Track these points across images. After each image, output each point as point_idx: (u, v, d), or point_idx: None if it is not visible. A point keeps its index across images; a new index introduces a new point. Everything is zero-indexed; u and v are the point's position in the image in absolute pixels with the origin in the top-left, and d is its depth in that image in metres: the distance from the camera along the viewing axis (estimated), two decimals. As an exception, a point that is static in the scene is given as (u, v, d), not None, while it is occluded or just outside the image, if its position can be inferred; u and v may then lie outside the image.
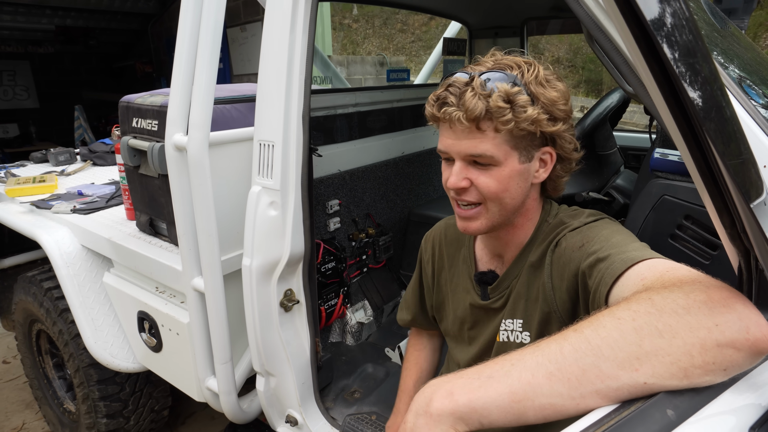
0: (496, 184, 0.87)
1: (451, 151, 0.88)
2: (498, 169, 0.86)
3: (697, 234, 1.03)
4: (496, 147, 0.84)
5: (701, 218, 1.02)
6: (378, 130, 2.22)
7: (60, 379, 2.32)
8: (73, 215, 1.93)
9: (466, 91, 0.83)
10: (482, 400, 0.53)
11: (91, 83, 7.30)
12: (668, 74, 0.46)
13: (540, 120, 0.84)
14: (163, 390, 2.10)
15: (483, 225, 0.91)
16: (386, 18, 11.75)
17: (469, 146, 0.85)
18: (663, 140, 1.11)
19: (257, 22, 4.60)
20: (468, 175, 0.88)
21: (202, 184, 1.30)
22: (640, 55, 0.46)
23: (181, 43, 1.28)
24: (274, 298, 1.40)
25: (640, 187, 1.16)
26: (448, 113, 0.84)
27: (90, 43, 6.43)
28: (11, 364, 2.93)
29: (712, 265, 0.98)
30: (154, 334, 1.68)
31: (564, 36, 9.25)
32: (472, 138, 0.85)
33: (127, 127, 1.62)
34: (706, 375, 0.51)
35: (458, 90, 0.84)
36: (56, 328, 1.96)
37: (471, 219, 0.91)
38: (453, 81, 0.87)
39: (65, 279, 1.80)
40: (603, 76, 8.56)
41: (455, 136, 0.87)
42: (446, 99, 0.85)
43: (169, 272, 1.54)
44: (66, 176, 2.58)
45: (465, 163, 0.88)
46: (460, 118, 0.83)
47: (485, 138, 0.84)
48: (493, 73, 0.85)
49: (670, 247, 1.07)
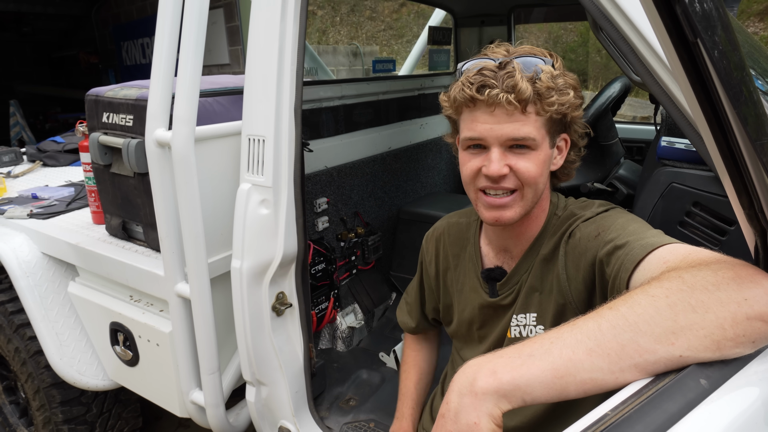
0: (536, 168, 0.92)
1: (489, 135, 0.91)
2: (535, 153, 0.92)
3: (705, 220, 1.13)
4: (537, 130, 0.91)
5: (710, 204, 1.12)
6: (364, 123, 2.27)
7: (12, 404, 2.26)
8: (30, 220, 1.90)
9: (513, 73, 0.87)
10: (525, 378, 0.59)
11: (25, 75, 7.04)
12: (696, 63, 0.53)
13: (574, 104, 0.94)
14: (133, 410, 2.08)
15: (517, 212, 0.95)
16: (354, 5, 11.81)
17: (512, 129, 0.89)
18: (669, 129, 1.21)
19: (219, 8, 4.57)
20: (507, 161, 0.92)
21: (188, 182, 1.32)
22: (671, 45, 0.53)
23: (161, 31, 1.30)
24: (266, 301, 1.43)
25: (646, 175, 1.26)
26: (493, 95, 0.87)
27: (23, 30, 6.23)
28: (-50, 390, 2.82)
29: (721, 250, 1.08)
30: (129, 346, 1.68)
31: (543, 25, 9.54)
32: (515, 121, 0.89)
33: (96, 122, 1.61)
34: (736, 347, 0.58)
35: (495, 74, 0.89)
36: (11, 346, 1.93)
37: (506, 207, 0.95)
38: (484, 65, 0.91)
39: (24, 290, 1.77)
40: (586, 66, 8.86)
41: (495, 120, 0.90)
42: (486, 82, 0.89)
43: (147, 278, 1.55)
44: (13, 178, 2.53)
45: (503, 149, 0.92)
46: (510, 100, 0.87)
47: (528, 121, 0.90)
48: (532, 58, 0.92)
49: (680, 233, 1.16)
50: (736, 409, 0.56)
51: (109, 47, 6.05)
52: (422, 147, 2.64)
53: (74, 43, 6.60)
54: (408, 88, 2.56)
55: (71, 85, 6.78)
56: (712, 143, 0.61)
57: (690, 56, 0.54)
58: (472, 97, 0.90)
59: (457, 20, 2.80)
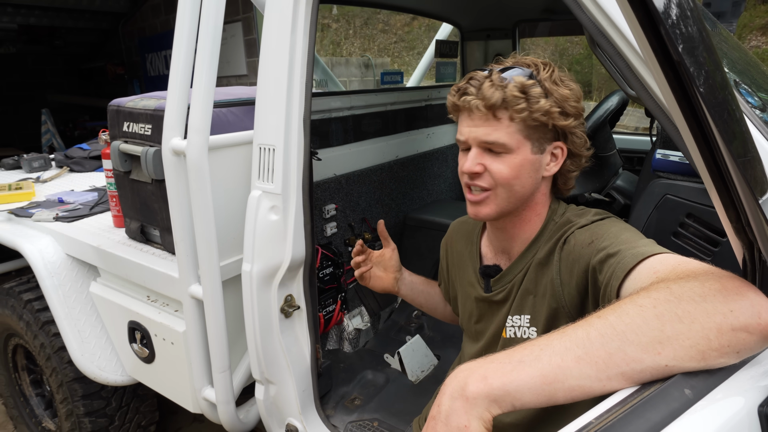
0: (508, 171, 0.96)
1: (468, 137, 0.98)
2: (510, 157, 0.96)
3: (698, 231, 1.11)
4: (509, 135, 0.94)
5: (703, 216, 1.11)
6: (372, 133, 2.28)
7: (38, 397, 2.29)
8: (56, 223, 1.93)
9: (485, 82, 0.94)
10: (515, 383, 0.58)
11: (57, 85, 7.19)
12: (681, 80, 0.53)
13: (552, 112, 0.94)
14: (150, 404, 2.10)
15: (492, 210, 1.00)
16: (367, 18, 11.86)
17: (484, 133, 0.95)
18: (663, 142, 1.20)
19: (237, 22, 4.63)
20: (482, 161, 0.97)
21: (202, 188, 1.33)
22: (656, 62, 0.52)
23: (178, 46, 1.32)
24: (275, 303, 1.43)
25: (642, 187, 1.25)
26: (467, 101, 0.95)
27: (56, 43, 6.35)
28: (-19, 383, 2.87)
29: (714, 261, 1.06)
30: (146, 344, 1.69)
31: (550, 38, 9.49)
32: (488, 126, 0.95)
33: (118, 131, 1.64)
34: (721, 357, 0.57)
35: (478, 82, 0.96)
36: (37, 341, 1.95)
37: (480, 204, 1.00)
38: (474, 74, 0.98)
39: (50, 289, 1.80)
40: (591, 78, 8.80)
41: (473, 123, 0.97)
42: (467, 90, 0.96)
43: (163, 280, 1.56)
44: (42, 183, 2.57)
45: (480, 150, 0.97)
46: (479, 106, 0.93)
47: (500, 126, 0.94)
48: (511, 68, 0.97)
49: (673, 244, 1.15)
50: (720, 419, 0.55)
51: (134, 59, 6.16)
52: (429, 156, 2.63)
53: (102, 55, 6.72)
54: (415, 99, 2.56)
55: (99, 95, 6.89)
56: (699, 159, 0.60)
57: (676, 75, 0.53)
58: (453, 103, 1.00)
59: (464, 34, 2.80)
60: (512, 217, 1.03)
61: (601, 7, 0.93)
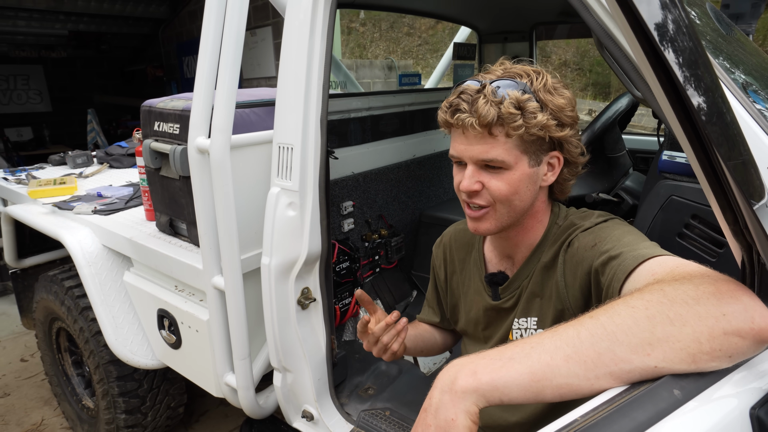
0: (507, 188, 0.91)
1: (464, 155, 0.92)
2: (509, 173, 0.90)
3: (703, 233, 1.07)
4: (506, 152, 0.89)
5: (708, 218, 1.06)
6: (390, 133, 2.27)
7: (78, 376, 2.38)
8: (94, 216, 1.99)
9: (479, 98, 0.87)
10: (504, 380, 0.57)
11: (102, 87, 7.43)
12: (674, 83, 0.51)
13: (549, 125, 0.88)
14: (179, 387, 2.15)
15: (492, 226, 0.96)
16: (393, 21, 11.82)
17: (481, 151, 0.89)
18: (671, 143, 1.16)
19: (267, 26, 4.68)
20: (480, 179, 0.92)
21: (224, 185, 1.35)
22: (648, 66, 0.50)
23: (204, 50, 1.34)
24: (292, 296, 1.45)
25: (648, 188, 1.21)
26: (461, 119, 0.88)
27: (102, 48, 6.54)
28: (29, 362, 3.00)
29: (719, 262, 1.03)
30: (173, 331, 1.74)
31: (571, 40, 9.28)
32: (484, 143, 0.89)
33: (149, 130, 1.68)
34: (712, 361, 0.55)
35: (470, 97, 0.88)
36: (77, 325, 2.03)
37: (480, 220, 0.96)
38: (464, 88, 0.90)
39: (87, 278, 1.86)
40: (611, 79, 8.57)
41: (467, 142, 0.90)
42: (459, 106, 0.89)
43: (189, 271, 1.60)
44: (84, 178, 2.66)
45: (477, 167, 0.92)
46: (473, 124, 0.87)
47: (497, 143, 0.88)
48: (503, 81, 0.89)
49: (678, 245, 1.11)
50: (710, 421, 0.53)
51: (172, 62, 6.30)
52: (445, 155, 2.60)
53: (143, 59, 6.91)
54: (433, 100, 2.54)
55: (140, 96, 7.08)
56: (694, 160, 0.58)
57: (668, 78, 0.51)
58: (445, 120, 0.93)
59: (482, 37, 2.77)
60: (514, 227, 1.00)
61: (607, 9, 0.90)
